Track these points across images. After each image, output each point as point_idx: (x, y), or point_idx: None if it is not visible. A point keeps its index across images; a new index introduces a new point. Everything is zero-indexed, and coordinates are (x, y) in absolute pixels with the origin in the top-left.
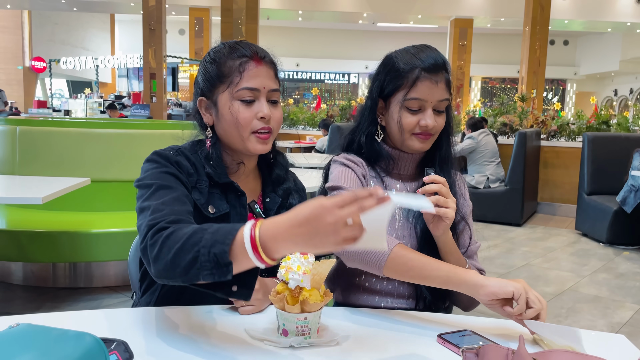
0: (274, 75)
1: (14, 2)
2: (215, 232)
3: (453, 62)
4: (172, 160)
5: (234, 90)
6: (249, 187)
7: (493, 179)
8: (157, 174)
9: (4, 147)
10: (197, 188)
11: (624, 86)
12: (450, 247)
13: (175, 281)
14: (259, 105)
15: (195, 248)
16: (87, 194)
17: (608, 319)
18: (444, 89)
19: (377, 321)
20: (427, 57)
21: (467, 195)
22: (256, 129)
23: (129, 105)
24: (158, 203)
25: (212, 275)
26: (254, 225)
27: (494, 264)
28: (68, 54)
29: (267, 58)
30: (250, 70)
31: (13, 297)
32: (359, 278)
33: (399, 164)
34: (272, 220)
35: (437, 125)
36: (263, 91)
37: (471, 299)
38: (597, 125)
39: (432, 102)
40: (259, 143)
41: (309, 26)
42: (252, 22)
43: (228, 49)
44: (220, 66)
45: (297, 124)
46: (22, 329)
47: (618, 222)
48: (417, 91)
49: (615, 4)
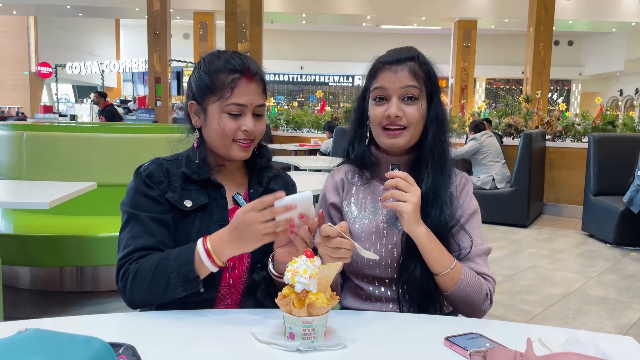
0: (262, 91)
1: (20, 8)
2: (177, 258)
3: (457, 63)
4: (144, 175)
5: (224, 104)
6: (235, 182)
7: (499, 179)
8: (132, 196)
9: (11, 152)
10: (170, 189)
11: (629, 86)
12: (425, 245)
13: (152, 303)
14: (244, 119)
15: (164, 275)
16: (93, 198)
17: (616, 321)
18: (406, 76)
19: (384, 324)
20: (394, 51)
21: (468, 197)
22: (238, 138)
23: (134, 110)
24: (128, 237)
25: (185, 290)
26: (204, 241)
27: (500, 265)
28: (74, 59)
29: (257, 75)
30: (241, 88)
31: (20, 301)
32: (350, 282)
33: (382, 167)
34: (215, 234)
35: (406, 117)
36: (250, 107)
37: (469, 305)
38: (603, 125)
39: (395, 90)
40: (240, 150)
41: (313, 29)
42: (256, 25)
43: (223, 61)
44: (213, 78)
45: (302, 127)
46: (30, 334)
47: (625, 223)
48: (378, 80)
49: (619, 4)
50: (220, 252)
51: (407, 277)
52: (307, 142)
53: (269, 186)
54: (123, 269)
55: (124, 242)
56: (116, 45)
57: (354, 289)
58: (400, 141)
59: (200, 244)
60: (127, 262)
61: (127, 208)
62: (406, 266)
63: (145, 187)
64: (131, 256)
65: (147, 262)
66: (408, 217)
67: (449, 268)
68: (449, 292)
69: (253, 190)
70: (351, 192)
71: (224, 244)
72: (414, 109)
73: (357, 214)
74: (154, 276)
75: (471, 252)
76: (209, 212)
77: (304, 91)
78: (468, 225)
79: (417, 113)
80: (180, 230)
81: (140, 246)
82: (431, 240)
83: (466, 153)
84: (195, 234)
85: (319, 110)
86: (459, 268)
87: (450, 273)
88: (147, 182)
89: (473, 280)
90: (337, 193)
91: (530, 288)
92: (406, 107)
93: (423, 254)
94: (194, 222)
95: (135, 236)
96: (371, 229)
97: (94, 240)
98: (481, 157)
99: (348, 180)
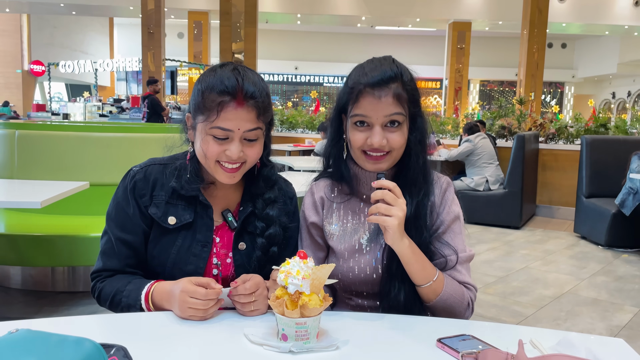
0: (255, 117)
1: (13, 5)
2: (128, 296)
3: (451, 65)
4: (129, 185)
5: (208, 127)
6: (227, 197)
7: (492, 180)
8: (112, 204)
9: (2, 151)
10: (154, 204)
11: (621, 89)
12: (408, 258)
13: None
14: (229, 144)
15: (120, 305)
16: (86, 197)
17: (607, 322)
18: (391, 103)
19: (377, 326)
20: (374, 70)
21: (449, 203)
22: (222, 161)
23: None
24: (101, 252)
25: (135, 310)
26: (149, 288)
27: (492, 266)
28: (67, 57)
29: (252, 100)
30: (228, 112)
31: (12, 301)
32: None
33: (362, 184)
34: (161, 287)
35: (389, 143)
36: (237, 132)
37: (451, 314)
38: (596, 128)
39: (378, 118)
40: (224, 175)
41: (307, 29)
42: (251, 25)
43: (217, 79)
44: (204, 97)
45: (296, 127)
46: (21, 335)
47: (617, 225)
48: (360, 107)
49: (612, 7)
50: (158, 303)
51: (389, 297)
52: (302, 142)
53: (263, 212)
54: (92, 284)
55: (98, 255)
56: (110, 44)
57: (343, 299)
58: (383, 166)
59: (144, 292)
60: (96, 279)
61: (107, 215)
62: (388, 285)
63: (124, 201)
64: (100, 274)
65: (107, 288)
66: (393, 232)
67: (431, 280)
68: (431, 303)
69: (243, 208)
70: (332, 210)
71: (163, 300)
72: (397, 135)
73: (339, 231)
74: (111, 303)
75: (450, 259)
76: (193, 230)
77: (298, 91)
78: (450, 232)
79: (401, 139)
80: (161, 245)
81: (107, 267)
82: (414, 253)
83: (460, 155)
84: (175, 252)
85: (314, 110)
86: (441, 279)
87: (433, 285)
88: (129, 195)
89: (455, 290)
90: (316, 212)
91: (522, 289)
92: (390, 133)
93: (406, 267)
94: (176, 239)
95: (106, 253)
96: (353, 247)
97: (86, 240)
98: (475, 159)
99: (327, 198)
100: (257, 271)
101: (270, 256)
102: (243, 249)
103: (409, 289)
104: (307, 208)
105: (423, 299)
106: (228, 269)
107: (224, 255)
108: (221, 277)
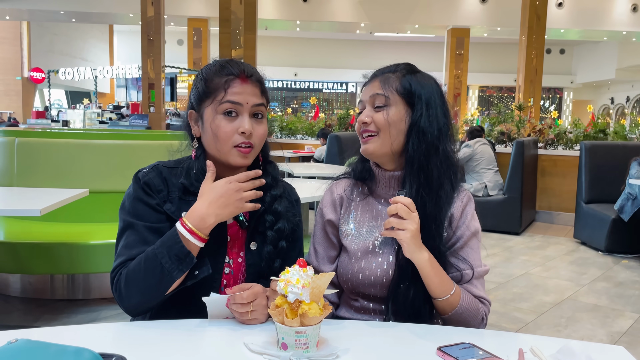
0: (260, 93)
1: (13, 13)
2: (162, 245)
3: (450, 71)
4: (142, 182)
5: (218, 105)
6: None
7: (492, 186)
8: (130, 202)
9: (2, 158)
10: (169, 200)
11: (620, 94)
12: (426, 271)
13: (150, 303)
14: (240, 120)
15: (155, 263)
16: (85, 205)
17: (608, 328)
18: (376, 86)
19: (377, 334)
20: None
21: (469, 217)
22: (237, 143)
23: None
24: (122, 247)
25: (181, 269)
26: (182, 222)
27: (492, 273)
28: (67, 64)
29: (254, 77)
30: (235, 87)
31: (11, 309)
32: (344, 295)
33: (380, 183)
34: (192, 210)
35: (374, 121)
36: (246, 106)
37: (465, 327)
38: (594, 133)
39: (367, 100)
40: (239, 157)
41: (307, 36)
42: (250, 32)
43: (218, 67)
44: (207, 83)
45: (296, 134)
46: (21, 345)
47: (616, 231)
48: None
49: (611, 13)
50: (203, 226)
51: (398, 299)
52: (301, 148)
53: (272, 207)
54: (116, 278)
55: (118, 252)
56: (110, 51)
57: (347, 300)
58: (370, 147)
59: (181, 226)
60: (118, 273)
61: (124, 215)
62: (398, 287)
63: (143, 194)
64: (124, 264)
65: (134, 262)
66: (407, 245)
67: (449, 294)
68: (446, 316)
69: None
70: (350, 209)
71: (205, 217)
72: (380, 115)
73: (354, 231)
74: (146, 269)
75: (466, 274)
76: None
77: (297, 98)
78: (467, 247)
79: (382, 118)
80: None
81: (133, 256)
82: (433, 266)
83: (459, 160)
84: None
85: (313, 117)
86: (458, 293)
87: (450, 298)
88: (146, 189)
89: (471, 304)
90: (334, 210)
91: (522, 296)
92: (375, 113)
93: (424, 279)
94: None
95: (129, 245)
96: (367, 248)
97: (85, 247)
98: (474, 165)
99: (347, 197)
100: (267, 269)
101: (279, 250)
102: (254, 249)
103: (419, 291)
104: (326, 206)
105: (439, 311)
106: (239, 267)
107: (235, 254)
108: (232, 275)
